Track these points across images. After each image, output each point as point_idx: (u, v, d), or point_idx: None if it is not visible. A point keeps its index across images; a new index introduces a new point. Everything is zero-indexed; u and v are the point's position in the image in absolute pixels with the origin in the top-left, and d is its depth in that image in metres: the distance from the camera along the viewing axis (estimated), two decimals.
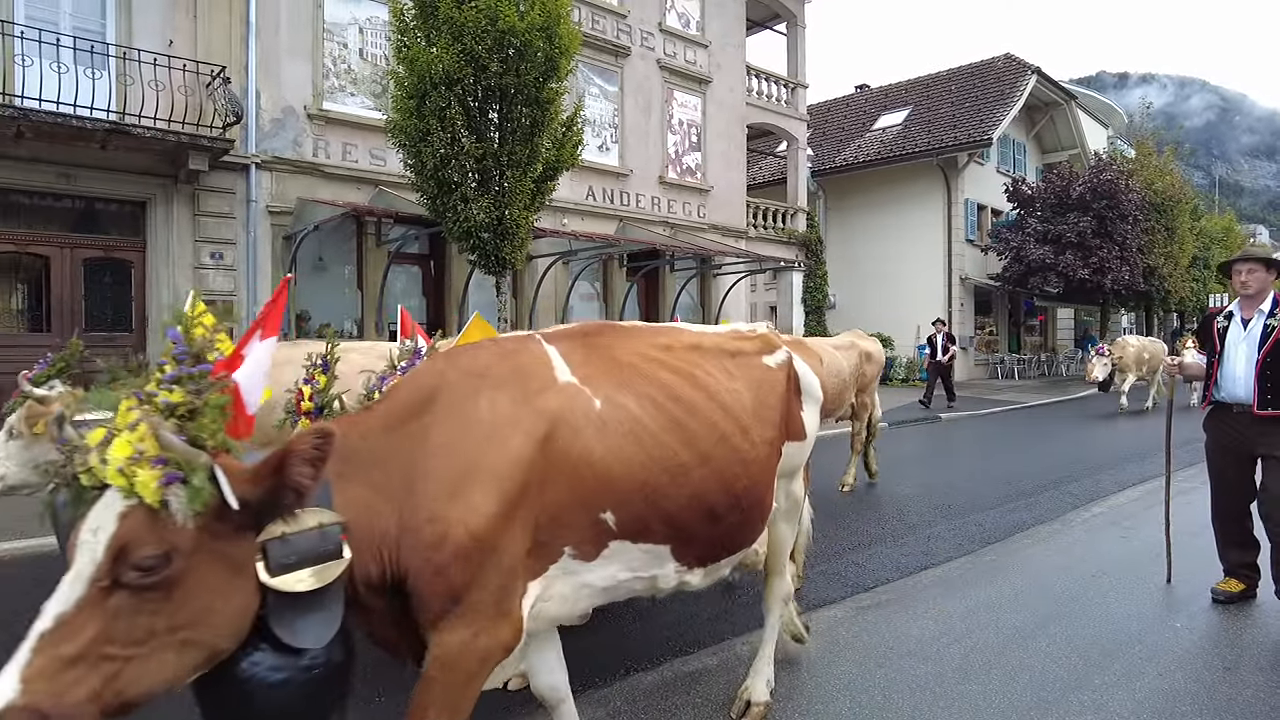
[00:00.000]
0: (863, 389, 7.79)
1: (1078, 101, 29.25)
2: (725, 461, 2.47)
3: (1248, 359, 4.35)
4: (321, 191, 11.96)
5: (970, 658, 3.85)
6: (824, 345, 7.32)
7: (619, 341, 2.51)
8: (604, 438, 2.18)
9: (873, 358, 7.90)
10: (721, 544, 2.61)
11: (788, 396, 2.96)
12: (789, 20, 21.14)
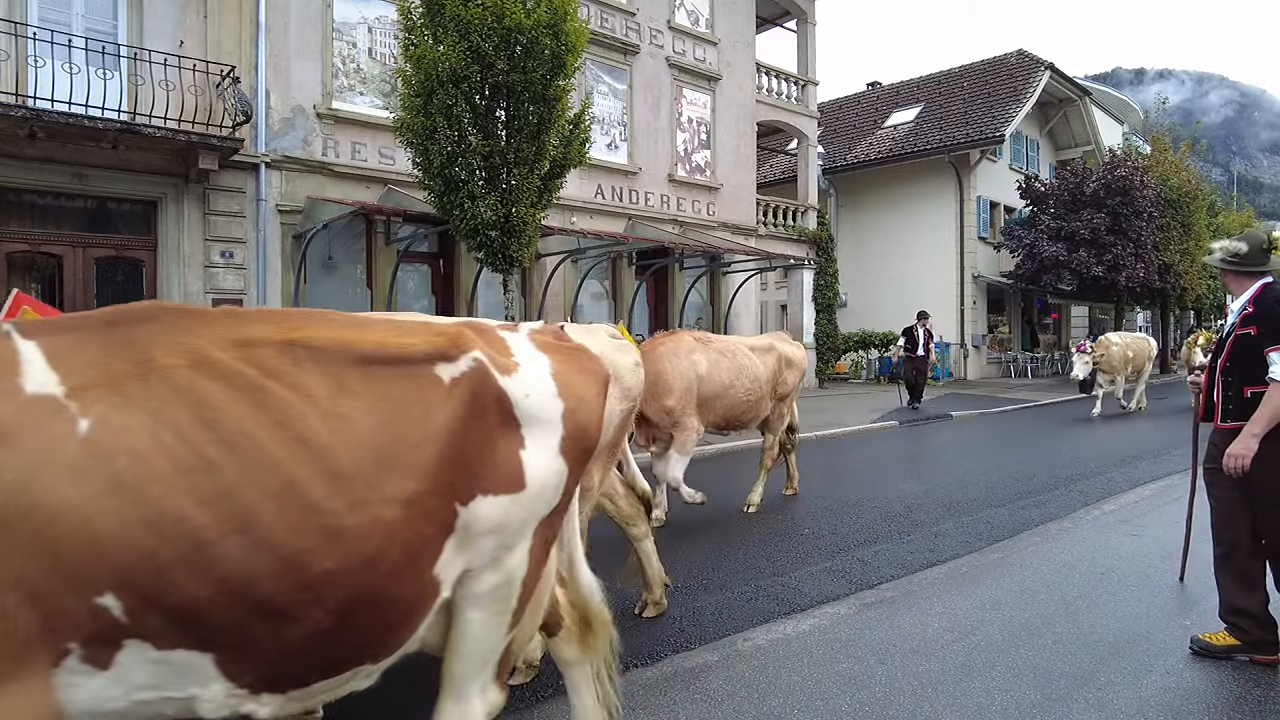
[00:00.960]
0: (781, 398, 6.96)
1: (1092, 98, 28.99)
2: (289, 529, 1.61)
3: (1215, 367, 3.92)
4: (331, 190, 12.01)
5: (974, 655, 3.81)
6: (738, 346, 6.59)
7: (168, 333, 1.68)
8: (84, 480, 1.45)
9: (794, 363, 7.05)
10: (306, 657, 1.71)
11: (469, 427, 1.94)
12: (799, 17, 21.04)
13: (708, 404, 6.10)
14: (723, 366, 6.19)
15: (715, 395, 6.12)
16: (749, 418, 6.63)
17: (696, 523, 6.58)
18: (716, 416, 6.29)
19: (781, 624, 4.22)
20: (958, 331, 23.39)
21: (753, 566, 5.25)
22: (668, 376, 5.74)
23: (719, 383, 6.14)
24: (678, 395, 5.79)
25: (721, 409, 6.25)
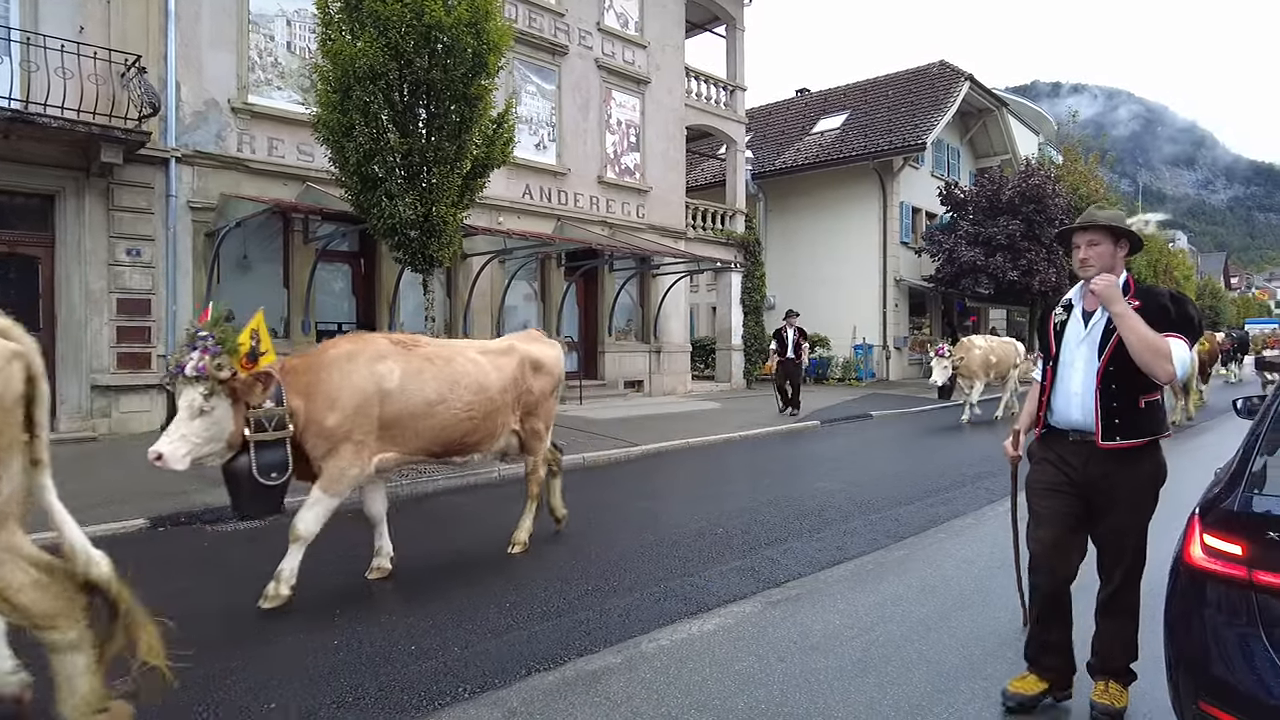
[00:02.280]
0: (530, 410, 5.68)
1: (1009, 109, 30.13)
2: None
3: (1087, 367, 3.14)
4: (246, 187, 11.62)
5: (871, 651, 3.91)
6: (459, 351, 5.39)
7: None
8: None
9: (543, 367, 5.75)
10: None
11: None
12: (728, 23, 21.31)
13: (405, 426, 4.83)
14: (427, 377, 4.93)
15: (417, 414, 4.85)
16: (477, 439, 5.30)
17: (611, 524, 6.59)
18: (425, 442, 4.99)
19: (687, 624, 4.26)
20: (880, 333, 24.00)
21: (664, 567, 5.28)
22: (333, 388, 4.60)
23: (422, 398, 4.87)
24: (342, 413, 4.58)
25: (430, 432, 4.96)
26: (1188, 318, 3.02)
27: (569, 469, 9.21)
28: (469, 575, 5.15)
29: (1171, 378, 2.91)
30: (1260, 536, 2.25)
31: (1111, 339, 3.05)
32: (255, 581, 4.87)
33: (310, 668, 3.69)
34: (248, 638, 4.06)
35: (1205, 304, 51.22)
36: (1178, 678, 2.46)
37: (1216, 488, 2.62)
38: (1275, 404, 2.73)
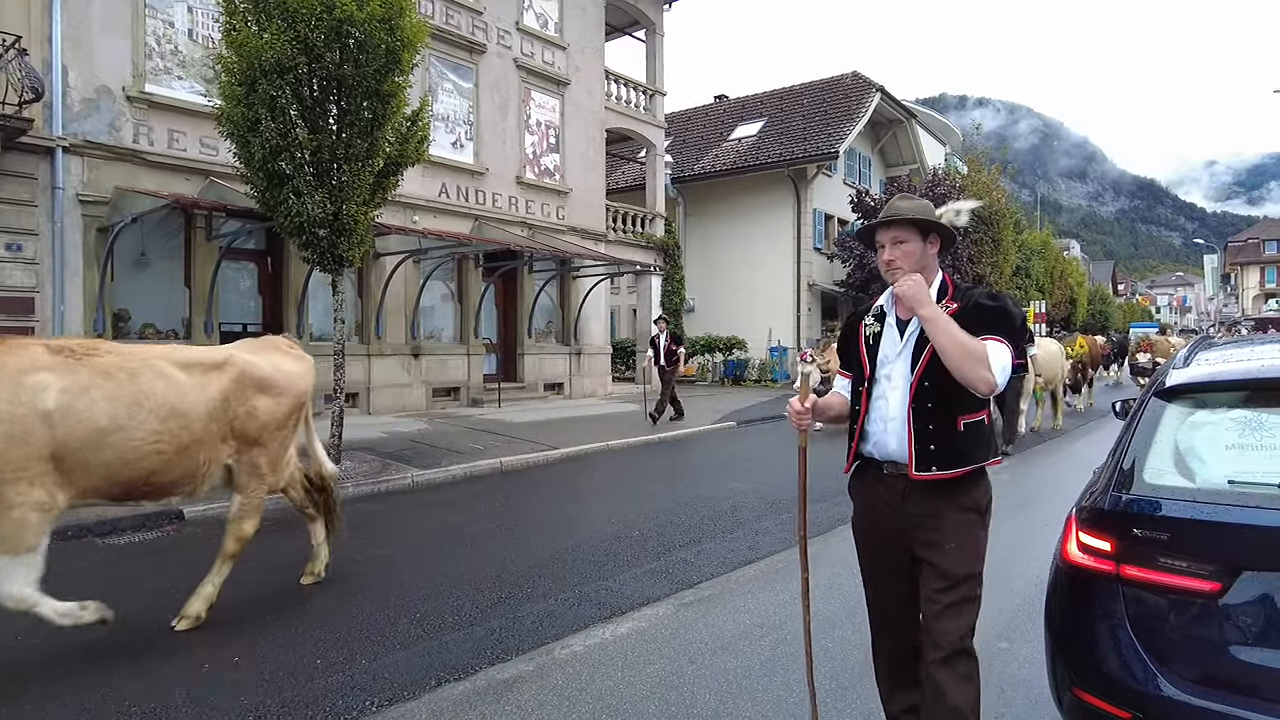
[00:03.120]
0: (251, 441, 4.42)
1: (918, 120, 31.30)
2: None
3: (903, 384, 2.57)
4: (144, 181, 11.05)
5: (779, 649, 4.02)
6: (150, 362, 4.12)
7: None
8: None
9: (274, 387, 4.52)
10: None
11: None
12: (648, 27, 21.46)
13: (69, 460, 3.70)
14: (97, 396, 3.81)
15: (86, 443, 3.74)
16: (171, 479, 4.12)
17: (527, 529, 6.56)
18: (97, 480, 3.83)
19: (601, 629, 4.28)
20: (795, 336, 24.59)
21: (579, 572, 5.29)
22: None
23: (90, 424, 3.75)
24: None
25: (102, 468, 3.82)
26: (1006, 315, 2.48)
27: (485, 474, 9.14)
28: (380, 585, 5.04)
29: (992, 388, 2.36)
30: (1127, 533, 2.41)
31: (925, 350, 2.49)
32: (151, 596, 4.66)
33: (208, 687, 3.55)
34: (142, 655, 3.87)
35: (1096, 309, 54.38)
36: (1056, 668, 2.62)
37: (1093, 488, 2.80)
38: (1143, 407, 2.93)
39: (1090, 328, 47.57)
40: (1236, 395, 2.50)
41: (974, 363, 2.34)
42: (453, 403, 15.43)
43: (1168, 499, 2.38)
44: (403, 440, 10.76)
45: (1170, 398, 2.63)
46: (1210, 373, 2.63)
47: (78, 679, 3.60)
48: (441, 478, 8.78)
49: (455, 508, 7.50)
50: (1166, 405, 2.63)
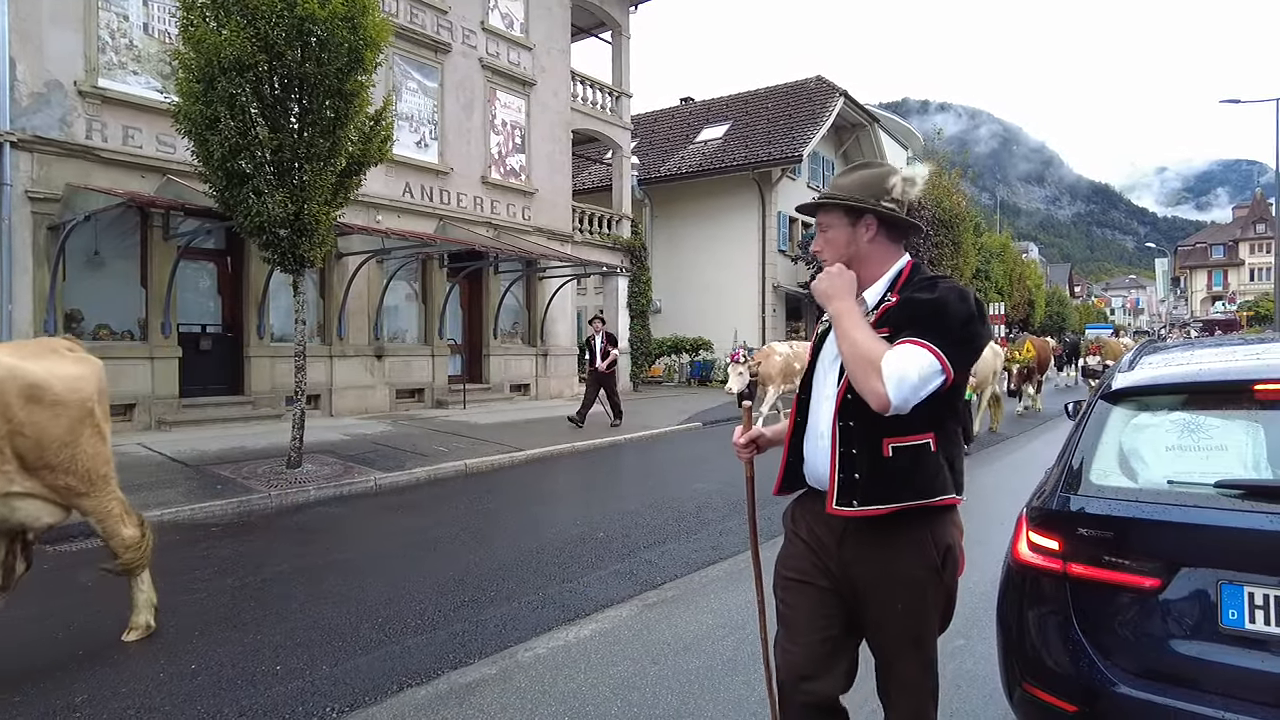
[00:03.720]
0: (40, 462, 3.70)
1: (880, 124, 31.73)
2: None
3: (832, 394, 2.14)
4: (97, 178, 10.79)
5: (741, 649, 4.06)
6: None
7: None
8: None
9: (48, 395, 3.71)
10: None
11: None
12: (614, 29, 21.47)
13: None
14: None
15: None
16: None
17: (492, 532, 6.54)
18: None
19: (564, 631, 4.29)
20: (760, 337, 24.78)
21: (543, 574, 5.29)
22: None
23: None
24: None
25: None
26: (938, 311, 1.94)
27: (449, 477, 9.08)
28: (341, 589, 4.99)
29: (883, 403, 1.84)
30: (1074, 532, 2.49)
31: None
32: (102, 604, 4.57)
33: (163, 696, 3.49)
34: (96, 665, 3.79)
35: (1054, 310, 55.58)
36: (1007, 664, 2.69)
37: (1043, 488, 2.88)
38: (1091, 409, 3.02)
39: (1048, 329, 48.62)
40: (1176, 398, 2.60)
41: (863, 370, 1.88)
42: (417, 404, 15.30)
43: (1112, 499, 2.46)
44: (365, 443, 10.65)
45: (1115, 400, 2.72)
46: (1152, 376, 2.72)
47: (27, 693, 3.52)
48: (405, 480, 8.71)
49: (419, 511, 7.45)
50: (1112, 408, 2.72)
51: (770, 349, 13.69)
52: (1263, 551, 2.16)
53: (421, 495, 8.21)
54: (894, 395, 1.83)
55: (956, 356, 1.91)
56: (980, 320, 2.00)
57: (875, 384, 1.85)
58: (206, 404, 12.05)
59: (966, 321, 1.96)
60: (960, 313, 1.95)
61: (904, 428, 1.99)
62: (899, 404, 1.85)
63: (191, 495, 7.34)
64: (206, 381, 12.31)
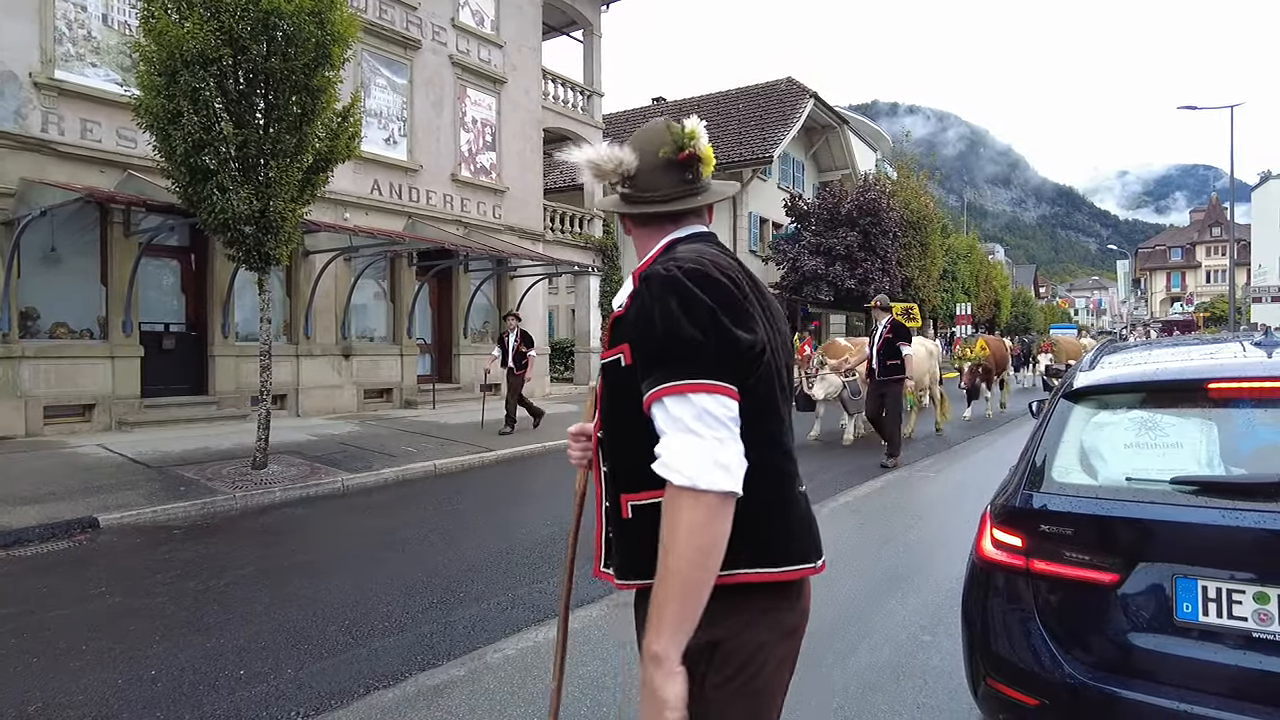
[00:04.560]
0: None
1: (850, 126, 32.06)
2: None
3: None
4: (54, 172, 10.53)
5: None
6: None
7: None
8: None
9: None
10: None
11: None
12: (585, 28, 21.43)
13: None
14: None
15: None
16: None
17: (461, 532, 6.49)
18: None
19: (534, 632, 4.27)
20: None
21: (513, 575, 5.26)
22: None
23: None
24: None
25: None
26: (647, 333, 1.39)
27: (417, 477, 9.00)
28: (307, 591, 4.92)
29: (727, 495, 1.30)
30: (1036, 529, 2.53)
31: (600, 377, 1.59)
32: (59, 608, 4.46)
33: (121, 703, 3.42)
34: (50, 673, 3.70)
35: (1019, 310, 56.50)
36: (971, 659, 2.73)
37: (1007, 486, 2.92)
38: (1053, 408, 3.07)
39: (1014, 329, 49.42)
40: (1134, 397, 2.65)
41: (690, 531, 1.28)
42: (385, 404, 15.14)
43: (1073, 496, 2.51)
44: (333, 443, 10.51)
45: (1076, 399, 2.77)
46: (1111, 375, 2.77)
47: None
48: (373, 481, 8.62)
49: (387, 512, 7.38)
50: (1073, 406, 2.77)
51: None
52: (1215, 546, 2.22)
53: (390, 496, 8.12)
54: (719, 482, 1.27)
55: (712, 368, 1.32)
56: (702, 307, 1.34)
57: (697, 501, 1.26)
58: (169, 404, 11.82)
59: (683, 323, 1.34)
60: (669, 323, 1.34)
61: (642, 481, 1.42)
62: (730, 484, 1.28)
63: (153, 497, 7.20)
64: (170, 381, 12.07)
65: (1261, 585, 2.13)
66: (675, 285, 1.38)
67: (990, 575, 2.66)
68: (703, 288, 1.38)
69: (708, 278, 1.40)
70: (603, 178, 1.63)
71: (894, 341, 9.62)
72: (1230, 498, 2.24)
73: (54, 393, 10.60)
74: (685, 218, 1.64)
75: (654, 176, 1.61)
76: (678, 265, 1.41)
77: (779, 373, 1.51)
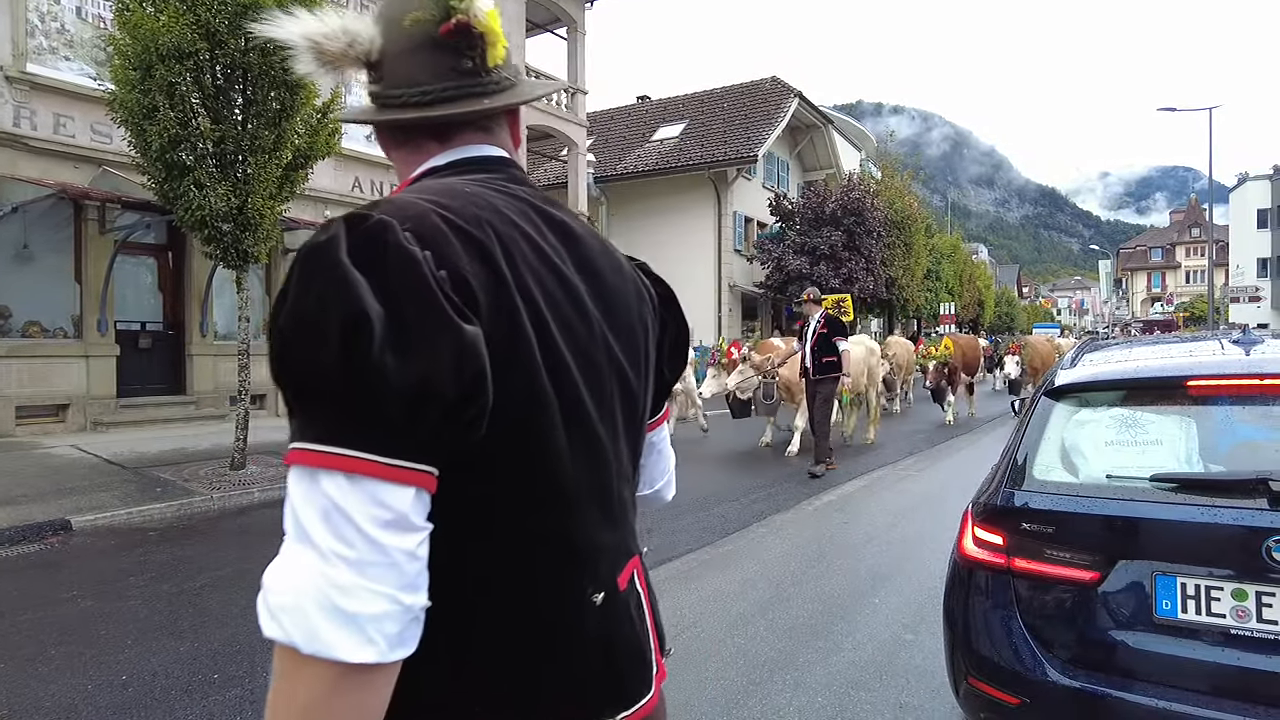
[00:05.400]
0: None
1: (834, 125, 32.15)
2: None
3: None
4: (26, 168, 10.35)
5: (693, 647, 4.05)
6: None
7: None
8: None
9: None
10: None
11: None
12: (569, 25, 21.35)
13: None
14: None
15: None
16: None
17: None
18: None
19: None
20: (715, 336, 24.91)
21: None
22: None
23: None
24: None
25: None
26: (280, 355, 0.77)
27: None
28: None
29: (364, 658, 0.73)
30: (1017, 527, 2.52)
31: None
32: (28, 612, 4.37)
33: (91, 709, 3.34)
34: (19, 677, 3.62)
35: (1002, 310, 56.89)
36: (953, 659, 2.71)
37: (988, 484, 2.91)
38: (1034, 406, 3.06)
39: (997, 329, 49.75)
40: (1115, 394, 2.64)
41: None
42: None
43: (1054, 494, 2.50)
44: None
45: (1058, 397, 2.76)
46: (1092, 373, 2.77)
47: None
48: None
49: None
50: (1055, 404, 2.76)
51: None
52: (1194, 543, 2.21)
53: None
54: (336, 647, 0.72)
55: (361, 426, 0.75)
56: (338, 311, 0.74)
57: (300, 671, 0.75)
58: (146, 404, 11.66)
59: (312, 337, 0.75)
60: (298, 334, 0.76)
61: None
62: (360, 653, 0.73)
63: (128, 498, 7.08)
64: (146, 381, 11.91)
65: (1239, 582, 2.12)
66: (321, 266, 0.76)
67: (972, 574, 2.64)
68: (373, 269, 0.75)
69: (388, 250, 0.77)
70: (333, 65, 1.05)
71: (829, 337, 8.95)
72: (1209, 495, 2.23)
73: (27, 392, 10.43)
74: (460, 132, 1.05)
75: (406, 63, 1.01)
76: (353, 226, 0.78)
77: (581, 414, 0.93)
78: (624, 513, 1.05)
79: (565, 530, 0.93)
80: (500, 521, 0.87)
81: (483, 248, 0.86)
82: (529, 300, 0.89)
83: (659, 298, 1.24)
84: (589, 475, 0.95)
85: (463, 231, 0.85)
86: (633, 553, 1.07)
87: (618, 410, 1.02)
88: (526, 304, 0.88)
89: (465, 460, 0.82)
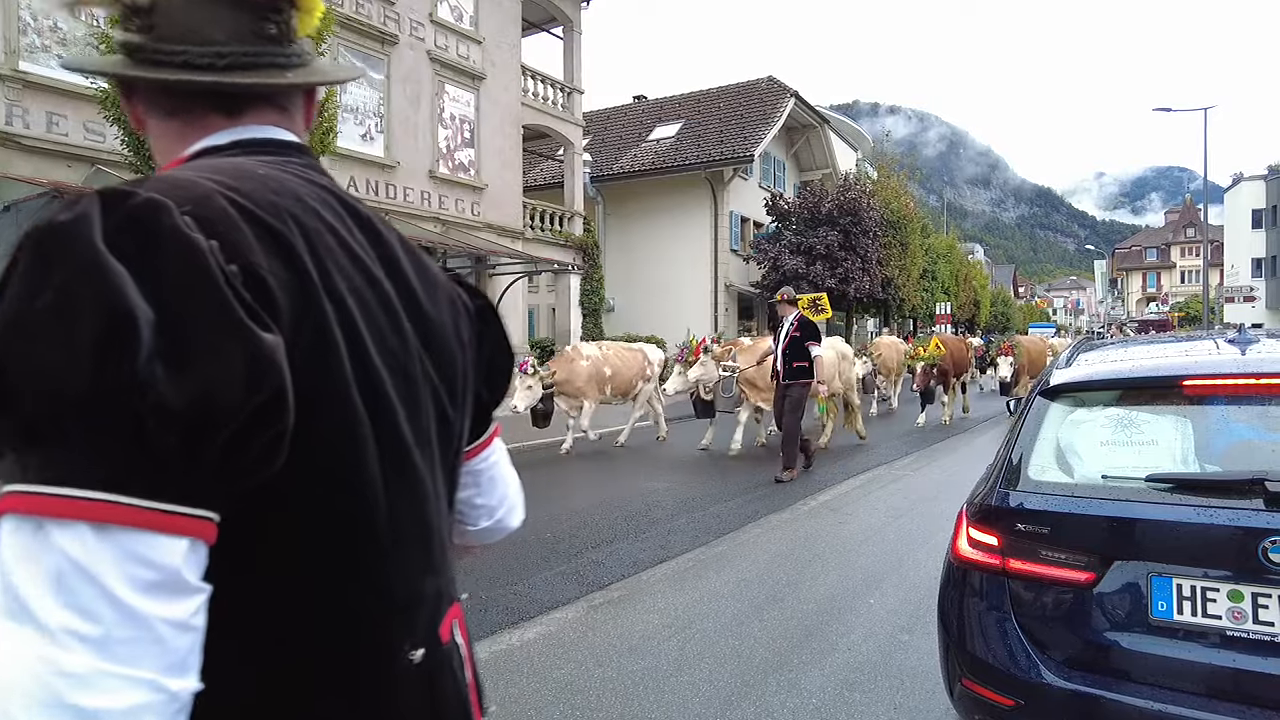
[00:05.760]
0: None
1: (830, 125, 32.13)
2: None
3: None
4: (19, 166, 10.30)
5: (686, 649, 4.02)
6: None
7: None
8: None
9: None
10: None
11: None
12: (565, 24, 21.33)
13: None
14: None
15: None
16: None
17: None
18: None
19: (508, 634, 4.20)
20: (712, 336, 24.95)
21: (487, 576, 5.18)
22: None
23: None
24: None
25: None
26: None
27: None
28: None
29: None
30: (1012, 528, 2.50)
31: None
32: None
33: None
34: None
35: (998, 310, 56.93)
36: (947, 660, 2.69)
37: (984, 484, 2.89)
38: (1029, 406, 3.05)
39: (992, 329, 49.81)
40: (1110, 394, 2.63)
41: None
42: None
43: (1049, 494, 2.48)
44: None
45: (1053, 396, 2.74)
46: (1087, 373, 2.75)
47: None
48: None
49: None
50: (1050, 404, 2.74)
51: (574, 353, 10.96)
52: (1189, 544, 2.19)
53: None
54: None
55: (123, 458, 0.58)
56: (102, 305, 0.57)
57: None
58: None
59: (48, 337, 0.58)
60: (22, 335, 0.58)
61: None
62: None
63: None
64: None
65: (1235, 583, 2.11)
66: (65, 252, 0.60)
67: (966, 575, 2.63)
68: (139, 259, 0.61)
69: (161, 236, 0.62)
70: (93, 3, 0.92)
71: (801, 340, 8.60)
72: (1205, 495, 2.21)
73: None
74: (252, 107, 0.89)
75: (193, 14, 0.83)
76: (112, 205, 0.63)
77: (398, 441, 0.81)
78: (445, 555, 0.94)
79: (382, 578, 0.79)
80: (301, 574, 0.72)
81: (283, 240, 0.72)
82: (339, 305, 0.75)
83: (476, 310, 1.08)
84: (409, 512, 0.83)
85: (258, 220, 0.71)
86: (454, 599, 0.97)
87: (434, 437, 0.89)
88: (336, 309, 0.74)
89: (257, 500, 0.66)
